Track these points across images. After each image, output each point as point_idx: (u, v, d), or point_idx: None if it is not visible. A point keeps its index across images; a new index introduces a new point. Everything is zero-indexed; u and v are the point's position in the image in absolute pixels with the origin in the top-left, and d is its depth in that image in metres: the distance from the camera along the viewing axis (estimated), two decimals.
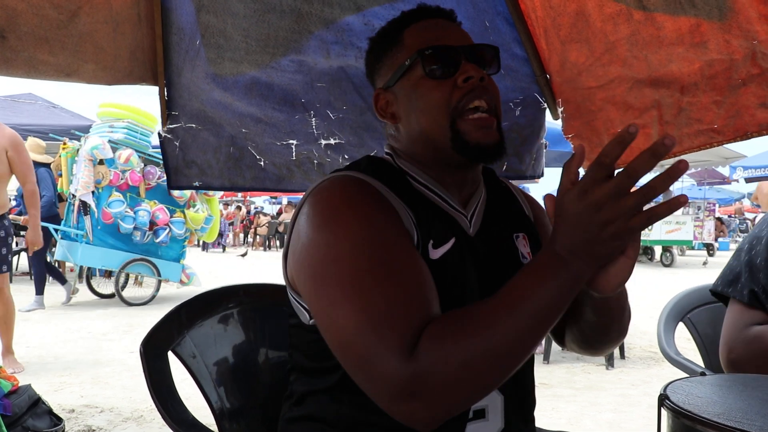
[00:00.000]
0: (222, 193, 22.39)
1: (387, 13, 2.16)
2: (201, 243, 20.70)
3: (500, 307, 0.91)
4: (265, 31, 2.20)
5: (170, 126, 2.38)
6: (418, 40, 1.21)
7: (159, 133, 2.40)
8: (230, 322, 1.65)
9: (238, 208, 24.74)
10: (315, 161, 2.52)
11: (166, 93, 2.33)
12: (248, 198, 28.47)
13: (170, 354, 1.52)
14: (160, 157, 2.43)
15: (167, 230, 8.62)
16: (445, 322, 0.93)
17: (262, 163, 2.49)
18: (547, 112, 2.46)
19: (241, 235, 24.22)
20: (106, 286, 9.05)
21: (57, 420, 3.28)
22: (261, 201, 28.54)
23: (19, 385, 3.21)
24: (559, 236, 0.92)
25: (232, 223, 23.25)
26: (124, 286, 8.82)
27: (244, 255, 18.23)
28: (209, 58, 2.25)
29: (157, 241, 8.55)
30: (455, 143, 1.16)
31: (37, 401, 3.23)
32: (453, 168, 1.23)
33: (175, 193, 8.49)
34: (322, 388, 1.16)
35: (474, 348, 0.88)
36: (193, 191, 8.59)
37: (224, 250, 20.79)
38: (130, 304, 8.27)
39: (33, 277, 8.18)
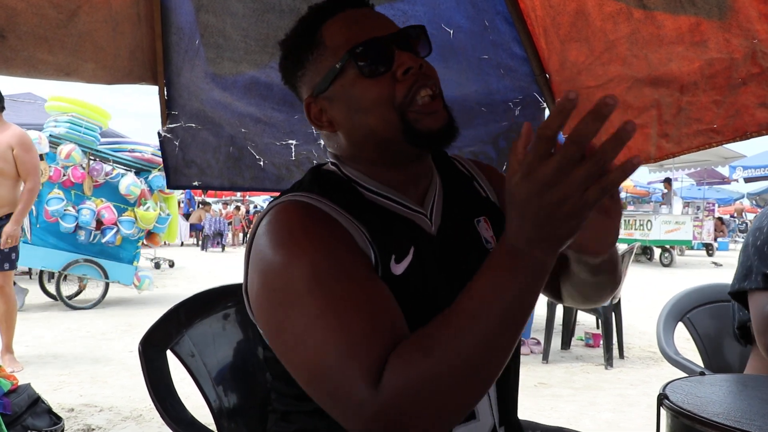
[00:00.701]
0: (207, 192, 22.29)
1: (386, 12, 2.15)
2: (201, 242, 20.72)
3: (462, 317, 0.86)
4: (265, 31, 2.20)
5: (170, 125, 2.38)
6: (342, 39, 1.12)
7: (159, 133, 2.40)
8: (229, 321, 1.65)
9: (237, 208, 24.73)
10: (314, 161, 2.52)
11: (165, 92, 2.33)
12: (247, 197, 28.47)
13: (169, 353, 1.52)
14: (110, 153, 2.42)
15: (114, 230, 8.01)
16: (410, 344, 0.89)
17: (261, 163, 2.49)
18: (547, 112, 2.46)
19: (240, 235, 24.21)
20: (70, 287, 8.47)
21: (56, 419, 3.28)
22: (261, 200, 28.52)
23: (19, 384, 3.21)
24: (511, 226, 0.84)
25: (231, 223, 23.23)
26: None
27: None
28: (209, 58, 2.25)
29: (104, 241, 7.97)
30: (407, 135, 1.10)
31: (37, 400, 3.23)
32: (405, 164, 1.17)
33: (124, 190, 7.94)
34: (307, 410, 1.11)
35: (440, 366, 0.84)
36: (145, 188, 8.19)
37: (224, 249, 20.79)
38: (73, 308, 7.72)
39: None
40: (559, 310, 5.49)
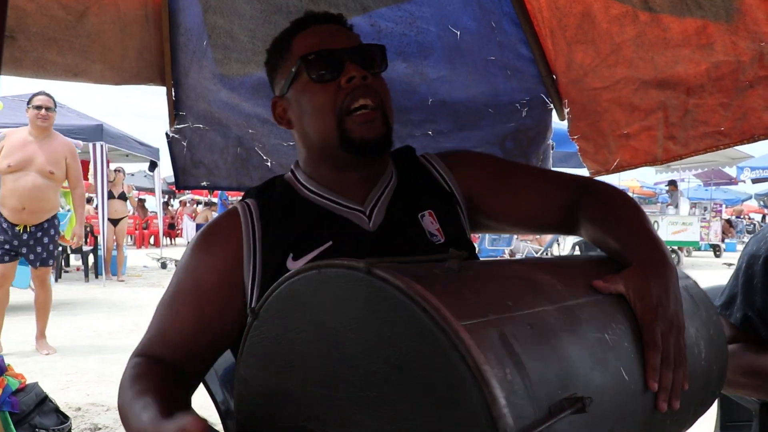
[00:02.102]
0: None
1: (393, 14, 2.17)
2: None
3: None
4: (272, 32, 2.18)
5: (178, 126, 2.39)
6: (303, 47, 1.26)
7: (167, 134, 2.41)
8: None
9: None
10: None
11: (173, 93, 2.34)
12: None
13: None
14: None
15: None
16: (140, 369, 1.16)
17: (269, 164, 2.50)
18: (554, 113, 2.46)
19: None
20: None
21: (64, 418, 3.30)
22: None
23: (27, 383, 3.23)
24: None
25: None
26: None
27: None
28: (216, 59, 2.26)
29: None
30: (342, 141, 1.21)
31: (44, 399, 3.25)
32: (346, 167, 1.27)
33: None
34: None
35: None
36: None
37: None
38: None
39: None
40: None
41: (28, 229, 5.05)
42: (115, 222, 10.70)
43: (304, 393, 0.85)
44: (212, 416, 1.49)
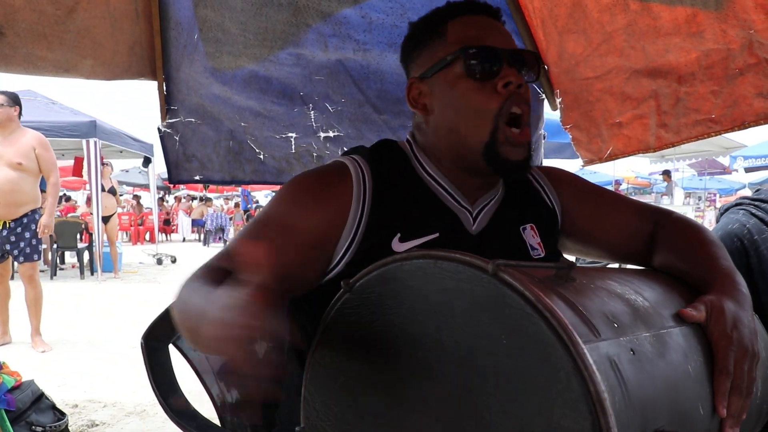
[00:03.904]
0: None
1: (384, 5, 2.17)
2: (203, 238, 20.74)
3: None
4: (263, 25, 2.20)
5: (169, 120, 2.38)
6: (462, 36, 1.19)
7: (158, 128, 2.41)
8: None
9: (237, 205, 24.74)
10: (314, 154, 2.53)
11: (164, 88, 2.34)
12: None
13: (171, 347, 1.53)
14: None
15: None
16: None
17: (261, 157, 2.50)
18: (546, 104, 2.46)
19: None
20: None
21: (60, 415, 3.29)
22: (262, 196, 28.51)
23: (23, 380, 3.22)
24: None
25: (232, 218, 23.25)
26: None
27: None
28: (207, 53, 2.25)
29: None
30: (487, 150, 1.16)
31: (41, 396, 3.24)
32: (476, 173, 1.22)
33: None
34: None
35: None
36: None
37: (225, 244, 20.78)
38: None
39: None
40: None
41: (8, 225, 5.06)
42: (105, 219, 10.64)
43: (382, 377, 0.84)
44: (209, 410, 1.49)
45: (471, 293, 0.76)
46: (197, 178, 2.49)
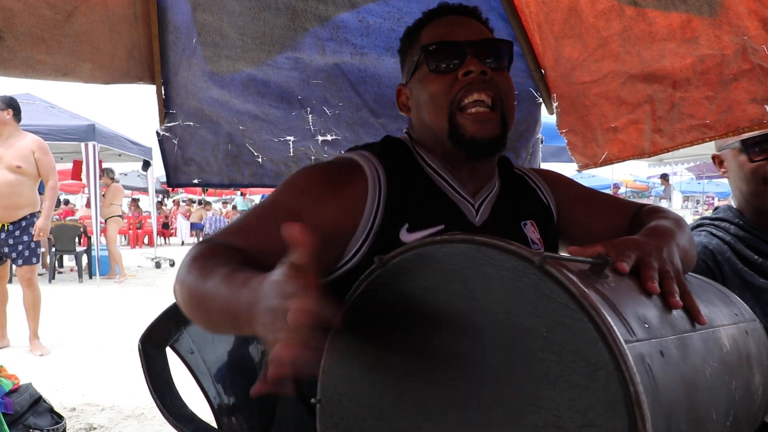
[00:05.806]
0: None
1: (381, 9, 2.18)
2: (202, 239, 20.67)
3: None
4: (261, 29, 2.21)
5: (168, 124, 2.39)
6: (429, 37, 1.25)
7: (157, 132, 2.41)
8: None
9: (234, 207, 24.73)
10: (312, 157, 2.53)
11: (163, 91, 2.35)
12: (248, 196, 28.46)
13: (169, 350, 1.54)
14: None
15: None
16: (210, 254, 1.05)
17: (259, 160, 2.50)
18: (543, 108, 2.47)
19: None
20: None
21: (58, 418, 3.29)
22: (260, 198, 28.53)
23: (20, 383, 3.23)
24: None
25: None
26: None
27: None
28: (206, 57, 2.26)
29: None
30: (451, 136, 1.20)
31: (38, 400, 3.25)
32: (458, 160, 1.26)
33: None
34: None
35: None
36: None
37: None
38: None
39: None
40: None
41: (6, 228, 5.07)
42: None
43: (409, 358, 0.83)
44: (206, 413, 1.50)
45: (513, 283, 0.75)
46: (196, 181, 2.49)
